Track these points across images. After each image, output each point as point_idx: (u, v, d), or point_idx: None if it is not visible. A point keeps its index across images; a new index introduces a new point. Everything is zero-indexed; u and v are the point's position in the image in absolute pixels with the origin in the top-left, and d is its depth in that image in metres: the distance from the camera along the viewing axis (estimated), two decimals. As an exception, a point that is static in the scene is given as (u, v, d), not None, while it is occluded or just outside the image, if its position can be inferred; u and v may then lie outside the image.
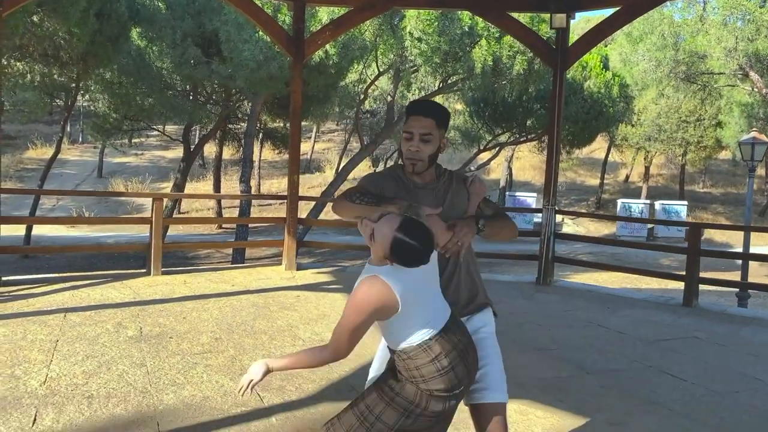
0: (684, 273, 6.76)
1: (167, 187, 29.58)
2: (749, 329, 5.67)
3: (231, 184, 31.37)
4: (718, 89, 22.60)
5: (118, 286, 6.21)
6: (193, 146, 18.77)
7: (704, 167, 32.01)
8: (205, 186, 30.28)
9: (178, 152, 34.95)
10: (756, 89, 17.99)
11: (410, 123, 2.14)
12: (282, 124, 21.22)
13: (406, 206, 2.00)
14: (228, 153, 27.82)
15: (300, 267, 7.76)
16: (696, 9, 17.81)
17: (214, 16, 12.51)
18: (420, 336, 1.87)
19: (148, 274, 6.90)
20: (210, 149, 29.99)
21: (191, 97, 16.08)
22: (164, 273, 6.97)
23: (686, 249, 6.72)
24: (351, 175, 16.61)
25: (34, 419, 3.03)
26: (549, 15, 7.07)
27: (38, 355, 3.96)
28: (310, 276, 7.32)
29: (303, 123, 26.08)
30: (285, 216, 7.98)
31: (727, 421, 3.46)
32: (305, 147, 33.95)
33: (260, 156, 28.43)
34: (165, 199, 17.04)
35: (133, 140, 35.11)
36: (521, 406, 3.50)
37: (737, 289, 10.22)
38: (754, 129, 11.64)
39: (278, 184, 32.74)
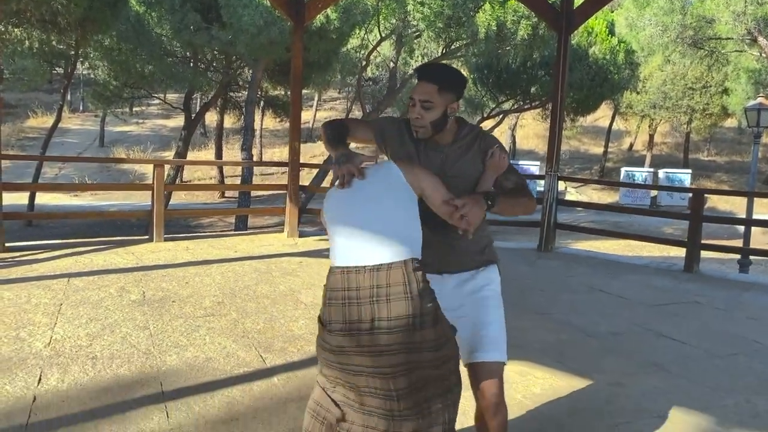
0: (686, 239, 6.76)
1: (169, 155, 29.45)
2: (750, 294, 5.69)
3: (233, 153, 31.25)
4: (725, 55, 22.22)
5: (121, 252, 6.24)
6: (194, 114, 18.63)
7: (709, 135, 31.73)
8: (207, 155, 30.17)
9: (179, 121, 34.75)
10: (764, 55, 17.69)
11: (414, 88, 2.09)
12: (283, 92, 21.02)
13: (339, 155, 1.99)
14: (229, 121, 27.65)
15: (303, 234, 7.77)
16: (704, -28, 17.45)
17: (213, -20, 12.29)
18: (333, 258, 1.89)
19: (150, 240, 6.93)
20: (211, 117, 29.81)
21: (191, 64, 15.89)
22: (167, 239, 7.00)
23: (688, 215, 6.70)
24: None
25: (39, 379, 3.07)
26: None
27: (42, 318, 4.00)
28: (312, 243, 7.34)
29: (304, 91, 25.86)
30: (287, 183, 7.97)
31: (725, 381, 3.49)
32: (307, 115, 33.71)
33: (261, 124, 28.26)
34: (167, 167, 17.05)
35: (134, 109, 34.97)
36: (521, 368, 3.53)
37: (739, 256, 10.22)
38: (760, 95, 11.47)
39: (280, 153, 32.59)
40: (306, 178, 18.77)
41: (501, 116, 19.73)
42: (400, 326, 1.70)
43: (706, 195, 20.67)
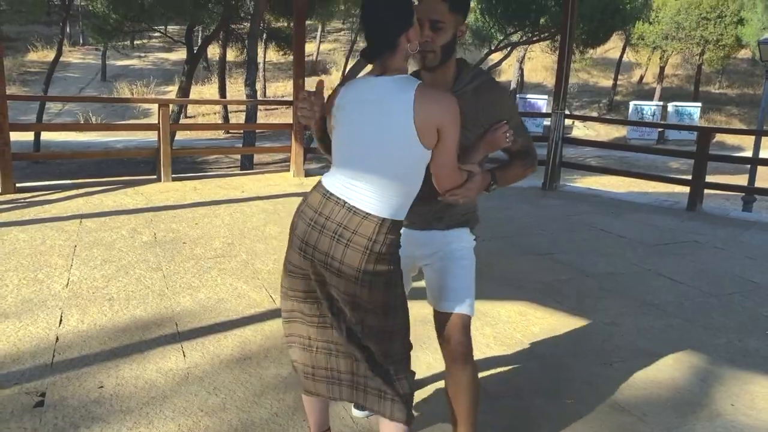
0: (690, 177, 6.79)
1: (172, 90, 29.14)
2: (749, 233, 5.77)
3: (236, 87, 30.84)
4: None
5: (130, 193, 6.33)
6: (196, 48, 18.29)
7: (722, 67, 31.00)
8: (210, 90, 29.83)
9: (181, 54, 34.11)
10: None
11: (418, 7, 1.82)
12: (286, 24, 20.53)
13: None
14: (232, 55, 27.15)
15: (308, 173, 7.82)
16: None
17: None
18: (329, 171, 1.84)
19: (158, 180, 7.01)
20: (214, 51, 29.28)
21: (192, -3, 15.49)
22: (174, 179, 7.07)
23: (694, 153, 6.69)
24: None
25: (60, 320, 3.22)
26: None
27: (58, 260, 4.14)
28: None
29: (308, 22, 25.23)
30: (291, 122, 7.95)
31: (717, 320, 3.62)
32: (310, 48, 33.00)
33: (264, 58, 27.72)
34: (171, 105, 16.91)
35: (135, 42, 34.34)
36: (520, 308, 3.66)
37: (743, 194, 10.23)
38: (775, 27, 11.15)
39: (284, 87, 32.16)
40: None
41: (509, 49, 19.29)
42: (347, 274, 1.70)
43: (736, 132, 20.55)
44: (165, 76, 31.79)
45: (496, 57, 20.53)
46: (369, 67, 1.80)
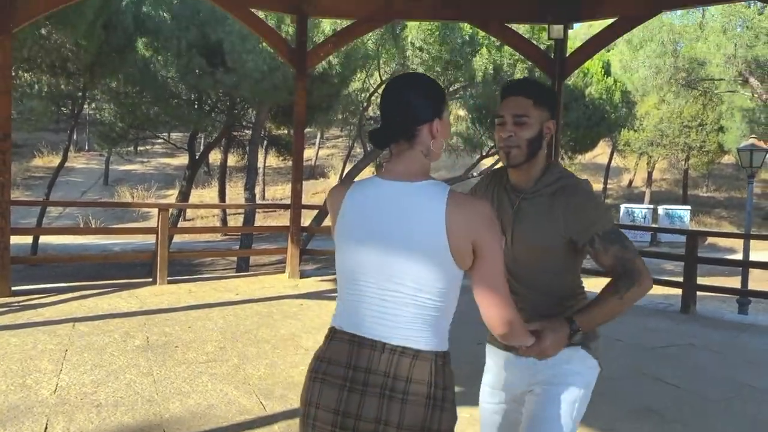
0: (682, 280, 6.85)
1: (173, 194, 29.77)
2: (745, 336, 5.76)
3: (236, 191, 31.53)
4: (718, 95, 22.69)
5: (125, 296, 6.34)
6: (198, 154, 18.94)
7: (707, 171, 32.02)
8: (211, 193, 30.46)
9: (183, 159, 35.12)
10: (756, 95, 18.09)
11: (501, 106, 1.76)
12: (286, 132, 21.39)
13: None
14: (233, 160, 28.01)
15: (303, 275, 7.87)
16: (695, 16, 18.00)
17: (218, 26, 12.69)
18: (338, 310, 1.50)
19: (154, 283, 7.03)
20: (215, 156, 30.19)
21: (196, 106, 16.26)
22: (170, 282, 7.10)
23: (683, 256, 6.80)
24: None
25: (45, 427, 3.15)
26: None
27: (48, 365, 4.09)
28: (313, 284, 7.43)
29: (307, 130, 26.24)
30: (288, 224, 8.12)
31: (718, 427, 3.55)
32: (309, 153, 34.10)
33: (265, 163, 28.61)
34: (170, 209, 17.24)
35: (138, 148, 35.50)
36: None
37: (738, 296, 10.27)
38: (752, 135, 11.70)
39: (283, 191, 32.88)
40: (308, 216, 18.93)
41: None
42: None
43: (723, 236, 20.88)
44: (166, 180, 32.57)
45: (487, 162, 21.27)
46: (367, 170, 1.72)
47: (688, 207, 28.13)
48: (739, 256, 16.41)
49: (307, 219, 16.89)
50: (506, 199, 1.81)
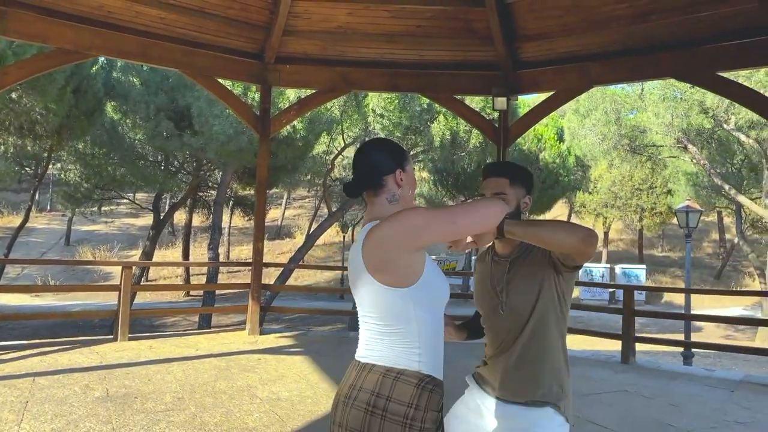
0: (620, 333, 7.31)
1: (136, 254, 29.57)
2: (676, 383, 6.18)
3: (200, 251, 31.47)
4: (663, 160, 24.11)
5: (85, 352, 6.46)
6: (162, 214, 19.10)
7: (661, 232, 33.35)
8: (174, 253, 30.34)
9: (148, 220, 35.04)
10: (695, 160, 19.34)
11: (483, 185, 2.05)
12: (251, 192, 21.79)
13: None
14: (198, 220, 28.13)
15: (265, 332, 8.08)
16: (635, 87, 19.34)
17: (186, 92, 13.21)
18: None
19: (115, 340, 7.15)
20: (180, 216, 30.26)
21: (162, 167, 16.60)
22: (131, 339, 7.24)
23: (621, 310, 7.28)
24: (320, 241, 17.07)
25: (8, 470, 3.32)
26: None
27: (9, 415, 4.24)
28: (272, 340, 7.64)
29: (275, 190, 26.63)
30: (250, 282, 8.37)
31: (636, 461, 3.90)
32: (276, 213, 34.42)
33: (230, 223, 28.78)
34: (133, 267, 17.21)
35: (102, 208, 35.35)
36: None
37: (682, 349, 10.78)
38: (688, 198, 12.56)
39: (247, 251, 32.92)
40: (273, 274, 19.08)
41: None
42: None
43: (661, 290, 21.65)
44: (129, 240, 32.35)
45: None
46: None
47: (644, 266, 29.14)
48: (699, 312, 17.10)
49: (273, 277, 17.08)
50: (497, 267, 2.05)
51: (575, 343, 14.82)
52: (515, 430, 1.94)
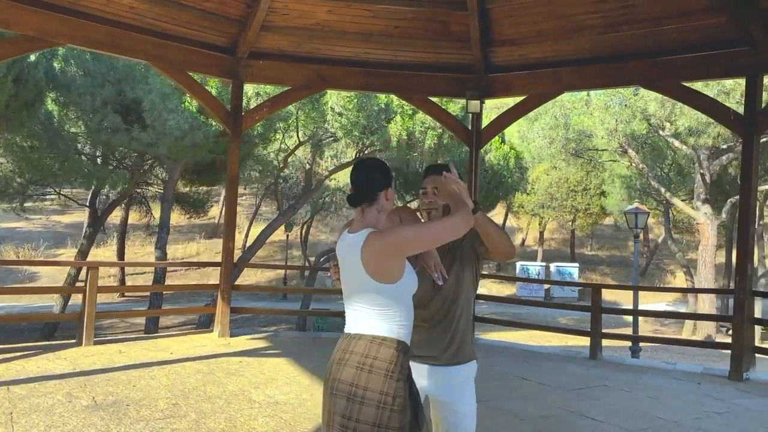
0: (589, 329, 7.62)
1: (64, 253, 28.03)
2: (647, 376, 6.50)
3: (134, 250, 30.24)
4: (602, 163, 25.33)
5: (52, 358, 6.10)
6: (100, 211, 18.22)
7: (591, 232, 34.88)
8: (106, 252, 29.03)
9: (75, 216, 33.34)
10: (633, 164, 20.45)
11: (425, 182, 2.62)
12: (193, 189, 21.14)
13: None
14: (134, 218, 27.01)
15: (234, 334, 7.87)
16: (582, 94, 20.22)
17: (135, 84, 12.65)
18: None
19: (79, 344, 6.78)
20: (114, 214, 28.99)
21: (101, 162, 15.81)
22: (96, 343, 6.88)
23: (590, 307, 7.59)
24: (270, 239, 16.78)
25: (20, 487, 3.10)
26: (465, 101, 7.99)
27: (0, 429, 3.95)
28: (245, 342, 7.46)
29: (212, 187, 25.92)
30: (217, 282, 8.14)
31: (640, 453, 4.09)
32: (214, 211, 33.52)
33: (169, 220, 27.78)
34: (69, 268, 16.31)
35: (25, 204, 33.22)
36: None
37: (630, 343, 11.35)
38: (636, 201, 13.23)
39: (183, 249, 31.97)
40: (213, 274, 18.57)
41: (408, 215, 20.83)
42: (372, 400, 2.03)
43: (626, 288, 22.67)
44: (56, 239, 30.69)
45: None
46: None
47: (577, 264, 30.40)
48: (632, 309, 18.01)
49: (213, 277, 16.62)
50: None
51: (525, 338, 15.30)
52: (455, 385, 2.59)
